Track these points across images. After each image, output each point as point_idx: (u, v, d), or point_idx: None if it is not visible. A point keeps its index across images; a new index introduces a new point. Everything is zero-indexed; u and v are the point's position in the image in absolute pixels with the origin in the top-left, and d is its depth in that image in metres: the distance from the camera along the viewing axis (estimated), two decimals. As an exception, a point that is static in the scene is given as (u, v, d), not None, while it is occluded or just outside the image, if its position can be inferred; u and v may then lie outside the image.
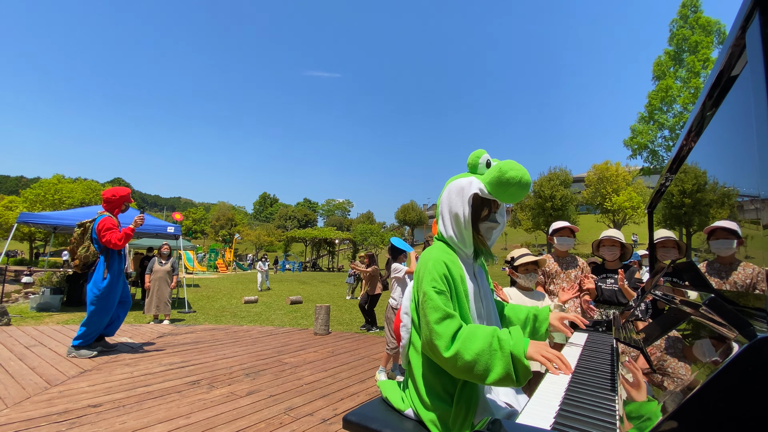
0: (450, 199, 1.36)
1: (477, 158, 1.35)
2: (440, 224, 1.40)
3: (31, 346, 4.57)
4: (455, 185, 1.36)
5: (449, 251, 1.35)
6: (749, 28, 0.69)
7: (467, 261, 1.39)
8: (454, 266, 1.31)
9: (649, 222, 2.22)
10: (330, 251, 40.01)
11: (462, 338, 1.14)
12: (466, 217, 1.31)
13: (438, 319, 1.17)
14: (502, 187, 1.23)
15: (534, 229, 34.08)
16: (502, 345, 1.10)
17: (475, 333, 1.14)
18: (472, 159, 1.37)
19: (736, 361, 0.51)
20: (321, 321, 5.95)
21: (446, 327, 1.16)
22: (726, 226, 1.00)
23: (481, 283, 1.42)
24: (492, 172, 1.25)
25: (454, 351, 1.12)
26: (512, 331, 1.14)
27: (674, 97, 22.31)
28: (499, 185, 1.23)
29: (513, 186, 1.21)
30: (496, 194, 1.26)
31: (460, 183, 1.35)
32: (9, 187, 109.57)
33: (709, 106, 1.03)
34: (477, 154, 1.36)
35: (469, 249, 1.36)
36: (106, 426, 2.51)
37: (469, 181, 1.33)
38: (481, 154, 1.36)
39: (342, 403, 3.11)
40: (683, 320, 1.03)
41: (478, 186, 1.30)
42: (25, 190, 27.05)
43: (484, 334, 1.14)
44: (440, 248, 1.35)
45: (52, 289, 8.58)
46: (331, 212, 77.02)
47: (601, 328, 1.85)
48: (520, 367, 1.07)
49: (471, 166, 1.37)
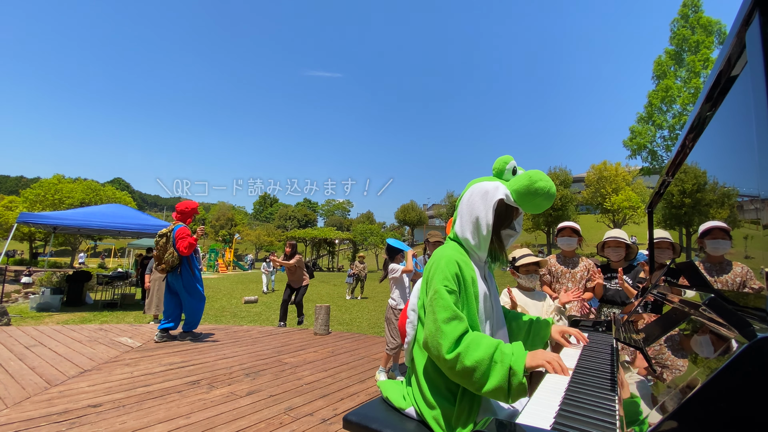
0: (472, 201, 1.33)
1: (504, 164, 1.33)
2: (457, 224, 1.38)
3: (31, 346, 4.57)
4: (479, 188, 1.33)
5: (462, 252, 1.34)
6: (749, 28, 0.69)
7: (479, 264, 1.38)
8: (467, 267, 1.30)
9: (649, 222, 2.22)
10: (330, 251, 40.04)
11: (466, 343, 1.13)
12: (488, 222, 1.29)
13: (447, 319, 1.16)
14: (530, 197, 1.21)
15: (534, 229, 34.12)
16: (503, 358, 1.09)
17: (479, 341, 1.14)
18: (499, 164, 1.35)
19: (736, 361, 0.51)
20: (321, 321, 5.95)
21: (453, 328, 1.15)
22: (719, 226, 1.00)
23: (491, 286, 1.41)
24: (521, 180, 1.23)
25: (456, 354, 1.12)
26: (515, 347, 1.14)
27: (674, 97, 22.32)
28: (527, 194, 1.22)
29: (540, 197, 1.20)
30: (521, 202, 1.25)
31: (485, 186, 1.32)
32: (9, 187, 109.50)
33: (709, 106, 1.03)
34: (504, 159, 1.34)
35: (483, 253, 1.35)
36: (106, 426, 2.51)
37: (495, 185, 1.30)
38: (508, 160, 1.33)
39: (342, 403, 3.11)
40: (683, 320, 1.03)
41: (504, 192, 1.28)
42: (25, 190, 27.05)
43: (487, 343, 1.13)
44: (454, 248, 1.34)
45: (52, 289, 8.59)
46: (331, 212, 77.03)
47: (601, 328, 1.85)
48: (515, 383, 1.07)
49: (497, 171, 1.35)
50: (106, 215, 9.40)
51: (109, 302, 9.15)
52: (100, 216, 9.25)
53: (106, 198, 27.75)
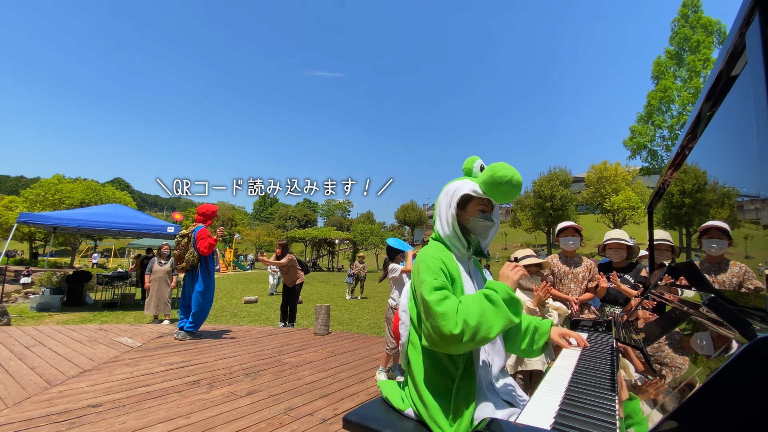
0: (445, 199, 1.45)
1: (471, 163, 1.47)
2: (437, 223, 1.48)
3: (31, 346, 4.57)
4: (450, 187, 1.46)
5: (444, 250, 1.40)
6: (749, 28, 0.69)
7: (462, 259, 1.44)
8: (450, 263, 1.35)
9: (649, 222, 2.22)
10: (330, 251, 40.02)
11: (462, 311, 1.18)
12: (452, 214, 1.40)
13: (438, 301, 1.20)
14: (495, 186, 1.32)
15: (534, 229, 34.11)
16: (492, 300, 1.20)
17: (467, 301, 1.21)
18: (467, 164, 1.49)
19: (736, 361, 0.51)
20: (321, 321, 5.95)
21: (448, 305, 1.19)
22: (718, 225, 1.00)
23: (476, 281, 1.46)
24: (486, 173, 1.35)
25: (462, 323, 1.15)
26: (493, 284, 1.25)
27: (673, 97, 22.33)
28: (492, 184, 1.32)
29: (504, 185, 1.30)
30: (490, 193, 1.36)
31: (455, 185, 1.45)
32: (9, 187, 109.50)
33: (709, 106, 1.03)
34: (471, 159, 1.48)
35: (463, 247, 1.42)
36: (106, 426, 2.51)
37: (462, 182, 1.43)
38: (474, 159, 1.47)
39: (342, 403, 3.11)
40: (683, 320, 1.03)
41: (471, 187, 1.40)
42: (25, 190, 27.05)
43: (474, 298, 1.22)
44: (436, 247, 1.41)
45: (52, 289, 8.58)
46: (331, 212, 77.00)
47: (601, 328, 1.85)
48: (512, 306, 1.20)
49: (466, 170, 1.49)
50: (106, 215, 9.40)
51: (109, 302, 9.15)
52: (100, 216, 9.25)
53: (106, 198, 27.75)
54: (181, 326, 5.32)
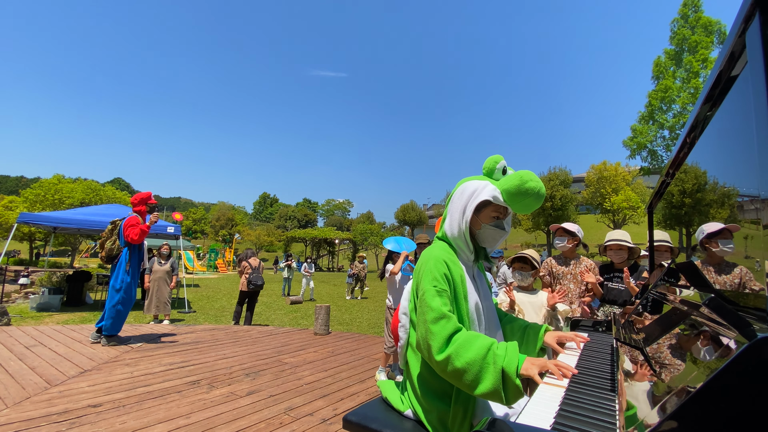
0: (461, 199, 1.34)
1: (495, 163, 1.34)
2: (446, 223, 1.38)
3: (31, 346, 4.57)
4: (469, 186, 1.34)
5: (450, 251, 1.34)
6: (749, 28, 0.69)
7: (467, 263, 1.38)
8: (455, 266, 1.30)
9: (649, 222, 2.22)
10: (330, 251, 40.04)
11: (457, 343, 1.11)
12: (467, 219, 1.31)
13: (435, 319, 1.15)
14: (520, 197, 1.22)
15: (534, 229, 34.08)
16: (495, 360, 1.05)
17: (471, 341, 1.10)
18: (489, 164, 1.35)
19: (736, 361, 0.51)
20: (321, 321, 5.95)
21: (442, 327, 1.13)
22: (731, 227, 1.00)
23: (481, 285, 1.41)
24: (512, 180, 1.23)
25: (447, 354, 1.10)
26: (509, 347, 1.10)
27: (673, 97, 22.33)
28: (517, 194, 1.22)
29: (531, 197, 1.20)
30: (511, 202, 1.25)
31: (474, 185, 1.33)
32: (9, 187, 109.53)
33: (709, 106, 1.03)
34: (495, 159, 1.34)
35: (470, 251, 1.36)
36: (106, 426, 2.51)
37: (483, 185, 1.31)
38: (498, 159, 1.34)
39: (342, 403, 3.11)
40: (683, 320, 1.03)
41: (492, 193, 1.28)
42: (25, 190, 27.02)
43: (480, 344, 1.09)
44: (441, 248, 1.35)
45: (52, 289, 8.58)
46: (331, 212, 77.01)
47: (601, 328, 1.85)
48: (510, 386, 1.03)
49: (487, 170, 1.36)
50: (106, 215, 9.39)
51: (109, 302, 9.13)
52: (100, 216, 9.25)
53: (106, 198, 27.73)
54: (99, 326, 4.75)
